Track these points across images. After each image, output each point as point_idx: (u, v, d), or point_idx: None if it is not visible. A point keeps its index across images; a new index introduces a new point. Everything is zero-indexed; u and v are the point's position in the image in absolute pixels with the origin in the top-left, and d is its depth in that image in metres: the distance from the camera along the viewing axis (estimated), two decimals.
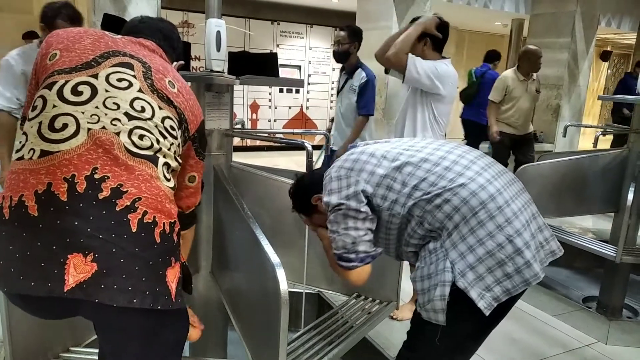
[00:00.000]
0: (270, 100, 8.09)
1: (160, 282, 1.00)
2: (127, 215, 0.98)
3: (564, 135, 3.54)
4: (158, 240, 1.01)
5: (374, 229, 1.42)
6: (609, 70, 13.14)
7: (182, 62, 1.44)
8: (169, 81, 1.19)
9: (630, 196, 2.72)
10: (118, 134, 1.03)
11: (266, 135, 2.56)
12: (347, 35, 3.35)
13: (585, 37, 5.68)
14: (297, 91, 8.47)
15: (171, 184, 1.12)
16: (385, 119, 4.49)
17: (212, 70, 1.68)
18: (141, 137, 1.06)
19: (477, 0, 6.61)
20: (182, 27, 7.35)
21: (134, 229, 0.98)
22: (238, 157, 1.99)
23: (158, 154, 1.09)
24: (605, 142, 6.65)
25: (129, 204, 0.99)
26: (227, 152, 1.84)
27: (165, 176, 1.09)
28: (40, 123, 1.01)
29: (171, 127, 1.15)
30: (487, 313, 1.26)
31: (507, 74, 4.35)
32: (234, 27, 3.67)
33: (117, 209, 0.97)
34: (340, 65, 3.57)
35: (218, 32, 1.67)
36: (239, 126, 2.22)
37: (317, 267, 2.03)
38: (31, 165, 0.98)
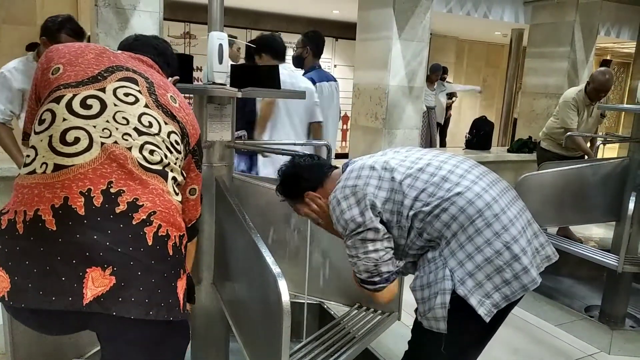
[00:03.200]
0: None
1: (173, 293, 1.02)
2: (143, 229, 1.00)
3: (564, 145, 3.55)
4: (171, 252, 1.03)
5: (392, 246, 1.41)
6: None
7: (177, 77, 1.47)
8: (171, 96, 1.22)
9: (632, 205, 2.72)
10: (130, 148, 1.04)
11: (268, 147, 2.57)
12: (301, 40, 3.35)
13: (585, 47, 5.71)
14: None
15: (179, 197, 1.15)
16: (386, 128, 4.51)
17: (214, 83, 1.70)
18: (151, 152, 1.09)
19: (477, 11, 6.66)
20: (184, 38, 7.40)
21: (150, 242, 1.00)
22: None
23: (167, 169, 1.12)
24: (612, 151, 6.65)
25: (144, 217, 1.01)
26: (229, 163, 1.85)
27: (174, 190, 1.13)
28: (50, 137, 1.02)
29: (176, 141, 1.18)
30: (488, 320, 1.28)
31: (578, 97, 3.84)
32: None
33: (134, 222, 0.99)
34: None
35: (220, 45, 1.68)
36: (240, 138, 2.23)
37: (319, 277, 2.04)
38: (45, 180, 0.98)
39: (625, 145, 3.51)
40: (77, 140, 1.01)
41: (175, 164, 1.15)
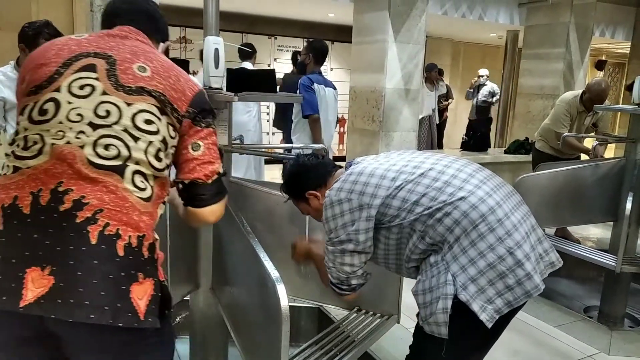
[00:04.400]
0: (268, 113, 8.13)
1: (123, 297, 0.96)
2: (86, 227, 0.96)
3: (561, 146, 3.56)
4: (121, 253, 0.97)
5: (367, 259, 1.48)
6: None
7: (168, 43, 1.38)
8: (139, 66, 1.11)
9: (629, 205, 2.73)
10: (82, 147, 1.01)
11: (265, 150, 2.57)
12: (305, 48, 3.82)
13: (580, 48, 5.73)
14: None
15: (145, 193, 1.05)
16: (383, 131, 4.51)
17: (210, 87, 1.69)
18: (107, 146, 1.02)
19: (472, 13, 6.68)
20: (180, 42, 7.40)
21: (93, 241, 0.95)
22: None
23: (128, 162, 1.04)
24: (608, 151, 6.64)
25: (89, 215, 0.97)
26: (226, 167, 1.84)
27: (136, 185, 1.04)
28: (17, 146, 1.05)
29: (147, 120, 1.07)
30: (489, 325, 1.27)
31: (573, 103, 3.84)
32: (231, 45, 3.73)
33: (78, 221, 0.96)
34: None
35: (216, 50, 1.68)
36: (237, 141, 2.23)
37: (317, 281, 2.03)
38: (4, 181, 1.00)
39: (621, 145, 3.52)
40: (34, 143, 1.02)
41: (145, 152, 1.06)
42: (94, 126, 1.03)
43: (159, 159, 1.09)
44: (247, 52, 4.93)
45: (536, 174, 3.11)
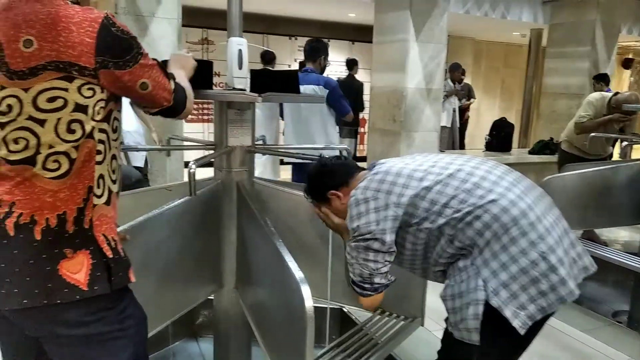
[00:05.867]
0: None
1: (51, 277, 1.01)
2: (4, 222, 1.01)
3: (589, 146, 3.48)
4: (38, 237, 1.01)
5: (392, 260, 1.42)
6: (631, 78, 12.91)
7: None
8: (25, 41, 0.99)
9: None
10: None
11: (288, 151, 2.58)
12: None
13: (607, 46, 5.61)
14: None
15: (58, 171, 1.03)
16: (404, 131, 4.48)
17: (234, 88, 1.70)
18: (16, 140, 1.02)
19: (495, 11, 6.59)
20: (202, 44, 7.47)
21: (11, 233, 1.01)
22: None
23: (41, 149, 1.02)
24: (635, 151, 6.46)
25: (7, 210, 1.02)
26: (249, 168, 1.85)
27: (47, 168, 1.02)
28: None
29: (49, 99, 1.00)
30: (523, 332, 1.23)
31: (598, 103, 3.81)
32: (253, 45, 3.75)
33: None
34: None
35: (240, 51, 1.69)
36: (260, 142, 2.24)
37: (341, 282, 2.02)
38: None
39: None
40: None
41: (55, 130, 1.01)
42: (2, 125, 1.02)
43: (71, 131, 1.03)
44: (271, 57, 5.02)
45: (562, 174, 3.04)
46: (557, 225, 1.32)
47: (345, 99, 3.54)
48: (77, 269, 1.03)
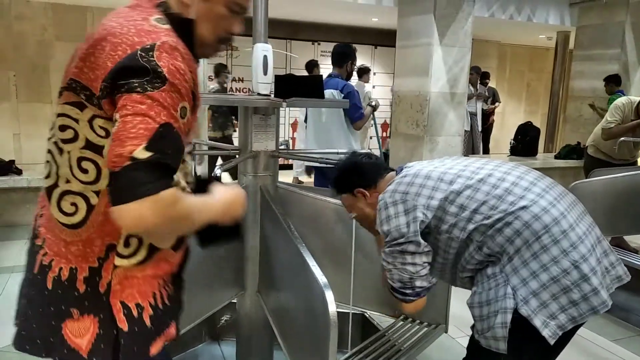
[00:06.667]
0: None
1: (54, 333, 0.90)
2: (36, 255, 0.93)
3: (617, 151, 3.40)
4: (49, 286, 0.90)
5: (430, 261, 1.38)
6: None
7: None
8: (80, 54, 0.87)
9: None
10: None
11: (311, 156, 2.58)
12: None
13: (637, 48, 5.47)
14: None
15: (74, 218, 0.88)
16: (428, 135, 4.44)
17: (259, 94, 1.72)
18: (45, 164, 0.92)
19: (520, 14, 6.50)
20: (226, 49, 7.56)
21: (35, 270, 0.93)
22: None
23: (59, 182, 0.89)
24: None
25: (40, 244, 0.94)
26: (273, 172, 1.86)
27: (62, 210, 0.89)
28: None
29: (61, 127, 0.87)
30: (552, 342, 1.20)
31: (626, 106, 3.72)
32: (277, 50, 3.79)
33: (37, 243, 0.95)
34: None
35: (265, 57, 1.71)
36: (283, 147, 2.25)
37: (363, 287, 2.01)
38: None
39: None
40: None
41: (68, 164, 0.87)
42: (49, 152, 0.92)
43: (84, 170, 0.87)
44: (313, 64, 5.13)
45: (590, 180, 2.97)
46: (590, 233, 1.28)
47: (361, 107, 3.53)
48: (80, 333, 0.90)
